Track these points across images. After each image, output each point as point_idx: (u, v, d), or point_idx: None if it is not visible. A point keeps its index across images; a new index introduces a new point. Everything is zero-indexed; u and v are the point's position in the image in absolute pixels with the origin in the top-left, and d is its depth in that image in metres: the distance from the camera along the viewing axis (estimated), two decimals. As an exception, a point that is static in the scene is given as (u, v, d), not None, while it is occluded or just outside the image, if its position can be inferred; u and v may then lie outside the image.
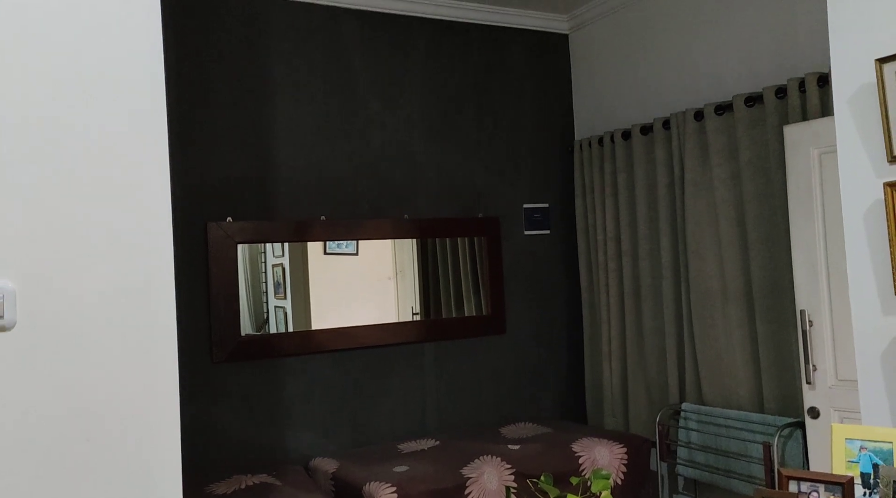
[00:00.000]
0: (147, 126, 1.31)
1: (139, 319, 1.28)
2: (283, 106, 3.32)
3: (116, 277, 1.26)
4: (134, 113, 1.31)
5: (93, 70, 1.30)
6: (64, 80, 1.27)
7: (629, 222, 3.60)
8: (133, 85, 1.32)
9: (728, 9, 3.18)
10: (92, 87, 1.29)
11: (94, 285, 1.24)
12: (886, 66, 1.72)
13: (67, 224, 1.22)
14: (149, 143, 1.31)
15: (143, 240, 1.27)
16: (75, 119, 1.27)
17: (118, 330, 1.26)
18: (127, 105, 1.31)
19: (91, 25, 1.31)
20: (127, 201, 1.29)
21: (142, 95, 1.33)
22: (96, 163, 1.27)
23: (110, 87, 1.31)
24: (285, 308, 3.40)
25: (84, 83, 1.28)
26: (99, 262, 1.24)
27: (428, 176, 3.65)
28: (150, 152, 1.31)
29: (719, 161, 3.11)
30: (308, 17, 3.39)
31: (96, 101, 1.29)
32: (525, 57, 3.95)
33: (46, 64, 1.27)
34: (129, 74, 1.33)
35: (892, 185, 1.74)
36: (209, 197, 3.16)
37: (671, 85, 3.47)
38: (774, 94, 2.87)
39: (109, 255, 1.25)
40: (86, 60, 1.29)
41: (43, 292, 1.18)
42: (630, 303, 3.59)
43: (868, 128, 1.80)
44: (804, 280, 2.70)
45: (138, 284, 1.25)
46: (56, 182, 1.23)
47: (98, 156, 1.27)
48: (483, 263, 3.77)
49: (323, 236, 3.38)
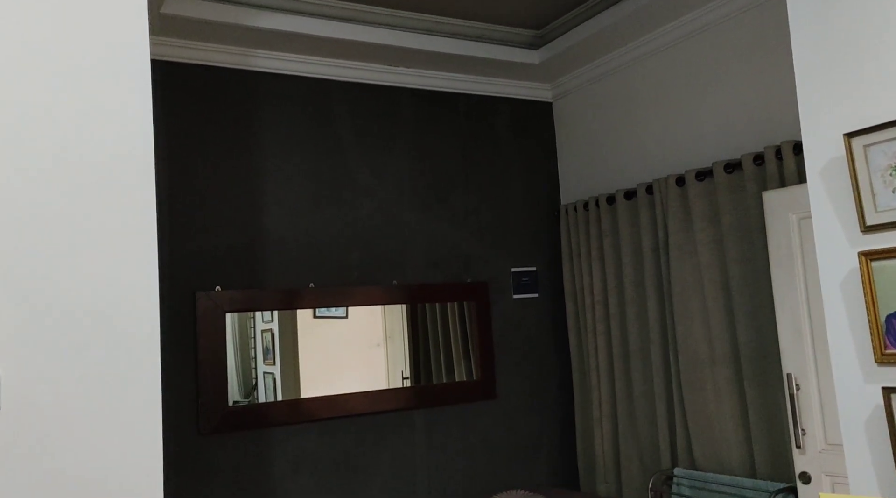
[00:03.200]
0: (136, 223, 1.34)
1: (124, 399, 1.28)
2: (272, 175, 3.38)
3: (102, 361, 1.27)
4: (124, 209, 1.34)
5: (81, 152, 1.33)
6: (53, 163, 1.30)
7: (616, 285, 3.63)
8: (123, 173, 1.36)
9: (706, 78, 3.29)
10: (81, 172, 1.32)
11: (80, 369, 1.25)
12: (854, 140, 1.79)
13: (54, 311, 1.24)
14: (137, 235, 1.33)
15: (129, 324, 1.28)
16: (65, 206, 1.29)
17: (103, 411, 1.27)
18: (116, 195, 1.35)
19: (79, 100, 1.35)
20: (113, 287, 1.31)
21: (131, 180, 1.36)
22: (83, 252, 1.29)
23: (100, 171, 1.34)
24: (274, 374, 3.38)
25: (73, 167, 1.31)
26: (84, 347, 1.25)
27: (416, 242, 3.69)
28: (138, 243, 1.34)
29: (702, 225, 3.16)
30: (298, 89, 3.48)
31: (85, 187, 1.32)
32: (511, 124, 4.05)
33: (35, 147, 1.30)
34: (118, 156, 1.37)
35: (866, 254, 1.78)
36: (198, 266, 3.18)
37: (653, 151, 3.56)
38: (752, 160, 2.95)
39: (95, 340, 1.26)
40: (74, 140, 1.33)
41: (29, 377, 1.19)
42: (619, 366, 3.60)
43: (840, 198, 1.85)
44: (789, 343, 2.72)
45: (123, 366, 1.27)
46: (45, 272, 1.25)
47: (86, 245, 1.30)
48: (472, 327, 3.78)
49: (312, 304, 3.40)
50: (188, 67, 3.25)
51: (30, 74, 1.32)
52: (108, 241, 1.32)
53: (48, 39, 1.34)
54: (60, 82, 1.33)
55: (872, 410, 1.79)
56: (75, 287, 1.27)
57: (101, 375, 1.26)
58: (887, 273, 1.74)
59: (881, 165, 1.74)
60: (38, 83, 1.31)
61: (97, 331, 1.26)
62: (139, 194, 1.35)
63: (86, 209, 1.31)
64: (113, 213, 1.33)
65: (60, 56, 1.34)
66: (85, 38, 1.37)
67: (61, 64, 1.34)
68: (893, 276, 1.73)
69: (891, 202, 1.73)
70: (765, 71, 3.02)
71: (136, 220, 1.34)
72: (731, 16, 3.14)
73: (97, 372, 1.26)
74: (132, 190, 1.37)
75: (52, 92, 1.33)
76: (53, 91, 1.33)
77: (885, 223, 1.75)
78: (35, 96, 1.31)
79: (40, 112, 1.31)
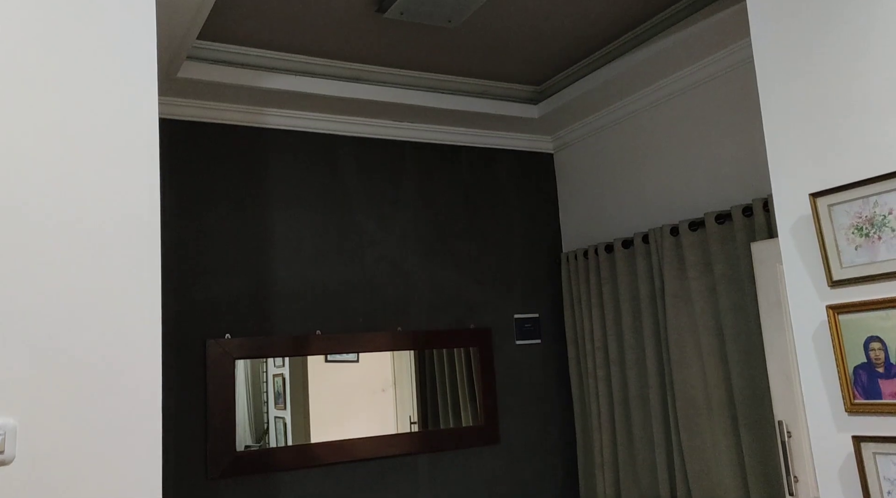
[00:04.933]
0: (142, 283, 1.47)
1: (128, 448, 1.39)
2: (281, 225, 3.53)
3: (109, 414, 1.39)
4: (131, 270, 1.47)
5: (91, 214, 1.46)
6: (63, 225, 1.43)
7: (615, 332, 3.71)
8: (129, 237, 1.49)
9: (698, 132, 3.41)
10: (90, 235, 1.45)
11: (89, 422, 1.37)
12: (819, 200, 1.89)
13: (66, 365, 1.36)
14: (143, 295, 1.46)
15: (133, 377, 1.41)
16: (76, 267, 1.42)
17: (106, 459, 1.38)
18: (122, 257, 1.48)
19: (87, 161, 1.48)
20: (119, 342, 1.43)
21: (137, 243, 1.49)
22: (92, 310, 1.42)
23: (107, 234, 1.47)
24: (285, 419, 3.48)
25: (82, 230, 1.44)
26: (91, 399, 1.38)
27: (421, 290, 3.80)
28: (143, 302, 1.47)
29: (696, 274, 3.25)
30: (307, 144, 3.65)
31: (93, 249, 1.45)
32: (513, 175, 4.19)
33: (44, 207, 1.43)
34: (126, 219, 1.50)
35: (834, 307, 1.87)
36: (208, 315, 3.31)
37: (649, 201, 3.67)
38: (742, 212, 3.05)
39: (101, 392, 1.39)
40: (83, 201, 1.46)
41: (42, 429, 1.31)
42: (620, 411, 3.66)
43: (809, 254, 1.95)
44: (780, 391, 2.78)
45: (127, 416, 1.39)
46: (57, 329, 1.38)
47: (94, 303, 1.43)
48: (476, 372, 3.86)
49: (319, 350, 3.51)
50: (201, 125, 3.43)
51: (46, 135, 1.46)
52: (115, 301, 1.44)
53: (59, 102, 1.48)
54: (69, 145, 1.47)
55: (845, 459, 1.86)
56: (84, 343, 1.39)
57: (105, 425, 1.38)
58: (853, 326, 1.83)
59: (844, 224, 1.84)
60: (51, 144, 1.45)
61: (103, 384, 1.38)
62: (145, 257, 1.48)
63: (94, 269, 1.44)
64: (119, 274, 1.46)
65: (71, 118, 1.49)
66: (94, 101, 1.51)
67: (72, 127, 1.48)
68: (859, 329, 1.81)
69: (854, 259, 1.83)
70: (752, 126, 3.13)
71: (142, 281, 1.47)
72: (719, 75, 3.28)
73: (102, 423, 1.37)
74: (138, 252, 1.49)
75: (60, 154, 1.47)
76: (61, 153, 1.46)
77: (850, 278, 1.84)
78: (45, 156, 1.45)
79: (50, 172, 1.45)
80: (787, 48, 2.01)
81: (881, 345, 1.77)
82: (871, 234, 1.79)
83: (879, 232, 1.77)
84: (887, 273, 1.76)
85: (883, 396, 1.77)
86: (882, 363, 1.77)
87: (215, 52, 3.16)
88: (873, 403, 1.79)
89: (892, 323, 1.75)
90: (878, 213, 1.77)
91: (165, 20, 2.59)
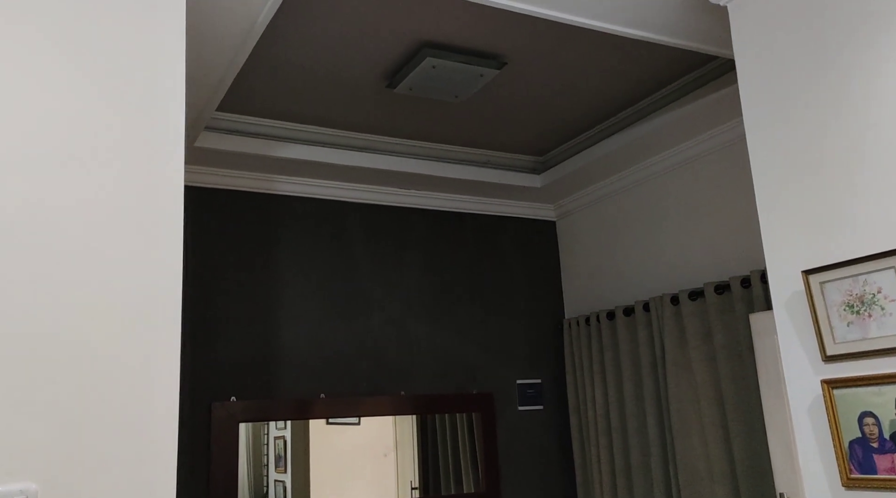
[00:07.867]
0: (161, 351, 1.54)
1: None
2: (288, 289, 3.60)
3: (125, 479, 1.44)
4: (151, 339, 1.54)
5: (116, 293, 1.54)
6: (88, 298, 1.51)
7: (617, 399, 3.73)
8: (152, 309, 1.56)
9: (697, 204, 3.51)
10: (114, 309, 1.52)
11: (106, 484, 1.42)
12: (812, 277, 1.96)
13: (83, 431, 1.42)
14: (163, 364, 1.53)
15: (152, 445, 1.46)
16: (98, 337, 1.49)
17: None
18: (143, 329, 1.54)
19: (112, 237, 1.56)
20: (140, 408, 1.49)
21: (159, 316, 1.56)
22: (113, 378, 1.48)
23: (131, 308, 1.54)
24: (285, 483, 3.47)
25: (105, 302, 1.52)
26: (111, 464, 1.43)
27: (424, 354, 3.85)
28: (162, 370, 1.53)
29: (696, 343, 3.30)
30: (315, 210, 3.75)
31: (115, 322, 1.52)
32: (516, 242, 4.28)
33: (71, 280, 1.51)
34: (148, 296, 1.57)
35: (828, 382, 1.92)
36: (215, 378, 3.35)
37: (650, 270, 3.74)
38: (740, 283, 3.11)
39: (121, 458, 1.44)
40: (108, 278, 1.53)
41: (62, 494, 1.36)
42: (622, 480, 3.65)
43: (804, 329, 2.01)
44: (781, 462, 2.80)
45: (149, 485, 1.44)
46: (78, 395, 1.45)
47: (114, 370, 1.50)
48: (478, 438, 3.87)
49: (323, 414, 3.53)
50: (214, 192, 3.54)
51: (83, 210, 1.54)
52: (136, 368, 1.51)
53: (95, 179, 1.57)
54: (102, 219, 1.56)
55: (843, 534, 1.88)
56: (104, 408, 1.45)
57: (124, 487, 1.43)
58: (848, 400, 1.87)
59: (836, 301, 1.91)
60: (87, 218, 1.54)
61: (123, 446, 1.44)
62: (165, 328, 1.55)
63: (115, 339, 1.50)
64: (140, 343, 1.52)
65: (104, 194, 1.57)
66: (126, 175, 1.61)
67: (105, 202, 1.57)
68: (853, 403, 1.86)
69: (846, 335, 1.88)
70: (748, 199, 3.23)
71: (161, 348, 1.53)
72: (716, 149, 3.40)
73: (122, 486, 1.42)
74: (159, 325, 1.56)
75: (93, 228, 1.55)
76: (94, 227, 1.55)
77: (843, 354, 1.89)
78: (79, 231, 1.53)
79: (82, 245, 1.53)
80: (778, 129, 2.12)
81: (874, 420, 1.82)
82: (861, 312, 1.85)
83: (869, 310, 1.84)
84: (879, 350, 1.81)
85: (878, 471, 1.81)
86: (876, 438, 1.81)
87: (231, 122, 3.29)
88: (869, 478, 1.83)
89: (884, 398, 1.80)
90: (868, 292, 1.84)
91: (188, 94, 2.72)
